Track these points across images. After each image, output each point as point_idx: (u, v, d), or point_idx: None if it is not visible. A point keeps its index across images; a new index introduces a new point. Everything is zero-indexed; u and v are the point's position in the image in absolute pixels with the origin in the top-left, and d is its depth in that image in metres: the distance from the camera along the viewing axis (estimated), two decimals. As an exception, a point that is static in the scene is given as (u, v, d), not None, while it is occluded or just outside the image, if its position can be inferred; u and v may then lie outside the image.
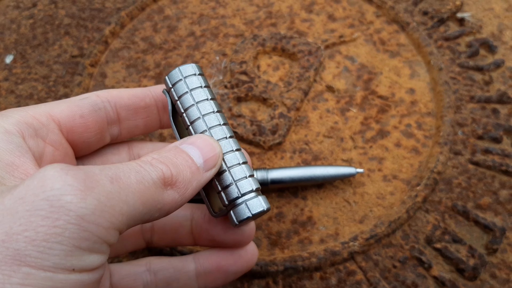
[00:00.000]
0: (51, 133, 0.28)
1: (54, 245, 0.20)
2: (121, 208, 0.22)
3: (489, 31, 0.50)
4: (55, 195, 0.20)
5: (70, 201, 0.20)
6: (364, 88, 0.46)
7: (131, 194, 0.23)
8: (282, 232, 0.39)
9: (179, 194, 0.26)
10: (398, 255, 0.38)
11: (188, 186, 0.27)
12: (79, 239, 0.20)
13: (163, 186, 0.25)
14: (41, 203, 0.20)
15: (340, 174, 0.40)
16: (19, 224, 0.20)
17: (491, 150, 0.42)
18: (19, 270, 0.19)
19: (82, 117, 0.29)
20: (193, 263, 0.32)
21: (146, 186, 0.24)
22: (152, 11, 0.52)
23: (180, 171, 0.26)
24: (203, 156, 0.28)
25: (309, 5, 0.52)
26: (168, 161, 0.26)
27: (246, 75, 0.47)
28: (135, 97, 0.32)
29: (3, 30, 0.52)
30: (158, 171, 0.25)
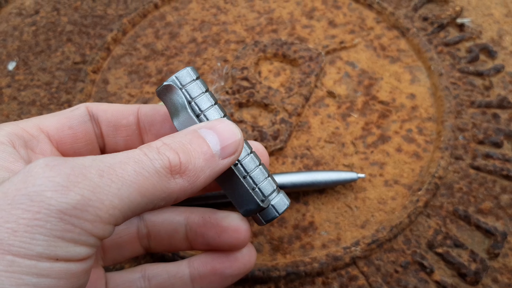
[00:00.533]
0: (41, 143, 0.29)
1: (36, 236, 0.20)
2: (111, 202, 0.22)
3: (489, 37, 0.50)
4: (36, 190, 0.21)
5: (51, 196, 0.21)
6: (365, 94, 0.47)
7: (125, 186, 0.22)
8: (284, 237, 0.39)
9: (189, 182, 0.25)
10: (400, 260, 0.38)
11: (200, 174, 0.26)
12: (61, 231, 0.21)
13: (169, 174, 0.24)
14: (22, 198, 0.20)
15: (342, 179, 0.40)
16: (0, 217, 0.20)
17: (492, 155, 0.42)
18: (3, 258, 0.19)
19: (71, 128, 0.30)
20: (187, 268, 0.31)
21: (146, 177, 0.23)
22: (154, 17, 0.53)
23: (191, 158, 0.25)
24: (221, 142, 0.27)
25: (309, 12, 0.52)
26: (179, 147, 0.25)
27: (247, 81, 0.47)
28: (118, 114, 0.31)
29: (6, 37, 0.52)
30: (164, 160, 0.24)
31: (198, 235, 0.32)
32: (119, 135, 0.32)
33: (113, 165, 0.23)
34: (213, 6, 0.53)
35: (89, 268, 0.23)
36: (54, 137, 0.30)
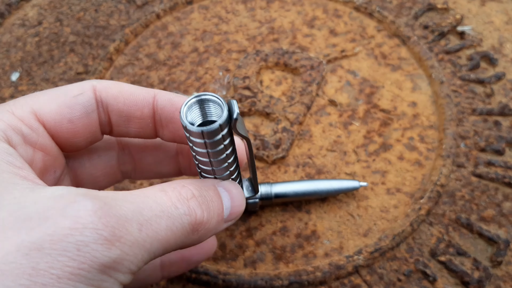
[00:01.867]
0: (41, 136, 0.27)
1: (78, 284, 0.21)
2: (143, 256, 0.23)
3: (489, 44, 0.50)
4: (83, 241, 0.21)
5: (96, 249, 0.21)
6: (366, 102, 0.47)
7: (156, 242, 0.24)
8: (287, 246, 0.39)
9: (198, 240, 0.26)
10: (403, 268, 0.38)
11: (209, 233, 0.27)
12: (99, 281, 0.22)
13: (191, 231, 0.26)
14: (69, 246, 0.21)
15: (344, 188, 0.40)
16: (46, 262, 0.20)
17: (494, 163, 0.42)
18: None
19: (71, 122, 0.28)
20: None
21: (174, 232, 0.24)
22: (156, 28, 0.53)
23: (210, 218, 0.27)
24: (231, 209, 0.28)
25: (310, 21, 0.53)
26: (205, 204, 0.26)
27: (249, 90, 0.47)
28: (131, 104, 0.29)
29: (9, 48, 0.53)
30: (192, 216, 0.25)
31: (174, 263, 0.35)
32: (131, 127, 0.30)
33: (150, 219, 0.24)
34: (214, 16, 0.54)
35: None
36: (50, 130, 0.27)
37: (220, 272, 0.38)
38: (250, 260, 0.39)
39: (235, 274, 0.37)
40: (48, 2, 0.56)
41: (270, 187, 0.39)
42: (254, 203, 0.39)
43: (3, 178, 0.23)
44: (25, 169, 0.25)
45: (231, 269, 0.38)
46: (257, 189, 0.33)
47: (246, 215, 0.40)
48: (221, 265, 0.38)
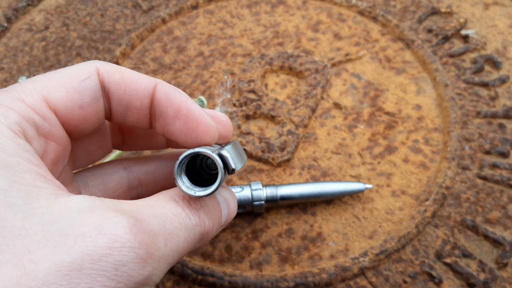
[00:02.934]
0: (54, 127, 0.26)
1: None
2: (166, 269, 0.24)
3: (493, 48, 0.51)
4: (121, 261, 0.21)
5: (133, 269, 0.22)
6: (371, 105, 0.47)
7: (176, 254, 0.25)
8: (292, 248, 0.39)
9: (200, 246, 0.28)
10: (409, 270, 0.38)
11: (207, 241, 0.28)
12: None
13: (200, 240, 0.27)
14: (108, 265, 0.21)
15: (349, 190, 0.40)
16: (86, 282, 0.20)
17: (499, 165, 0.42)
18: None
19: (82, 109, 0.27)
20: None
21: (189, 243, 0.26)
22: (162, 32, 0.54)
23: (213, 226, 0.28)
24: (226, 218, 0.30)
25: (315, 25, 0.53)
26: (210, 213, 0.28)
27: (254, 94, 0.47)
28: (132, 92, 0.28)
29: (16, 52, 0.53)
30: (202, 227, 0.27)
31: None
32: (129, 116, 0.29)
33: (172, 233, 0.25)
34: (219, 21, 0.54)
35: None
36: (62, 118, 0.27)
37: (226, 273, 0.38)
38: (256, 262, 0.39)
39: (241, 276, 0.38)
40: (54, 7, 0.57)
41: (276, 189, 0.39)
42: (260, 205, 0.39)
43: (25, 180, 0.23)
44: (42, 167, 0.24)
45: (237, 271, 0.38)
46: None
47: (252, 217, 0.41)
48: (227, 267, 0.38)
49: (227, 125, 0.32)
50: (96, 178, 0.33)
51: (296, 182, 0.42)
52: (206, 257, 0.39)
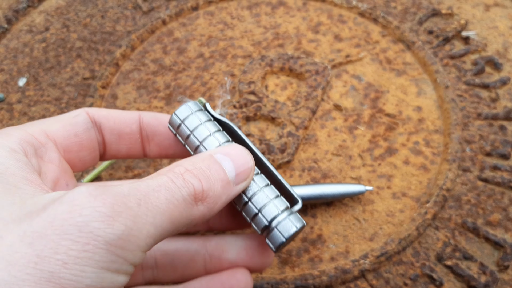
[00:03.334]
0: (50, 151, 0.28)
1: (85, 268, 0.21)
2: (148, 231, 0.23)
3: (494, 49, 0.50)
4: (83, 221, 0.21)
5: (98, 227, 0.21)
6: (372, 107, 0.47)
7: (159, 215, 0.23)
8: (292, 250, 0.39)
9: (208, 209, 0.26)
10: (409, 272, 0.38)
11: (218, 200, 0.26)
12: (108, 262, 0.21)
13: (194, 202, 0.25)
14: (70, 228, 0.21)
15: (350, 192, 0.40)
16: (50, 248, 0.20)
17: (500, 167, 0.42)
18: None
19: (77, 136, 0.30)
20: None
21: (176, 205, 0.24)
22: (162, 33, 0.54)
23: (212, 185, 0.26)
24: (235, 169, 0.28)
25: (315, 26, 0.53)
26: (201, 174, 0.26)
27: (254, 95, 0.47)
28: (121, 121, 0.32)
29: (17, 54, 0.53)
30: (190, 187, 0.25)
31: (219, 261, 0.32)
32: (122, 143, 0.32)
33: (148, 194, 0.24)
34: (220, 22, 0.54)
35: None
36: (61, 145, 0.29)
37: (226, 276, 0.38)
38: (256, 264, 0.39)
39: (241, 278, 0.37)
40: (55, 8, 0.57)
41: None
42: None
43: (7, 180, 0.23)
44: (32, 175, 0.25)
45: (237, 273, 0.38)
46: (295, 198, 0.30)
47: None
48: (227, 269, 0.38)
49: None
50: None
51: (296, 184, 0.42)
52: None
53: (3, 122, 0.48)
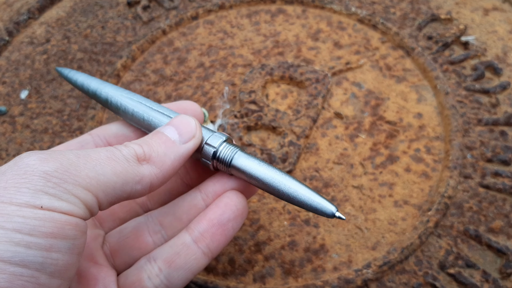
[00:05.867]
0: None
1: (23, 189, 0.24)
2: (87, 173, 0.26)
3: (493, 54, 0.51)
4: (23, 162, 0.25)
5: (34, 163, 0.25)
6: (372, 114, 0.47)
7: (99, 165, 0.27)
8: (295, 260, 0.39)
9: (157, 168, 0.30)
10: (412, 281, 0.38)
11: (165, 159, 0.30)
12: (44, 186, 0.25)
13: (137, 161, 0.29)
14: (12, 167, 0.25)
15: (317, 207, 0.31)
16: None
17: (501, 173, 0.42)
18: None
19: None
20: (186, 233, 0.32)
21: (117, 161, 0.28)
22: (162, 43, 0.54)
23: (153, 148, 0.30)
24: (178, 131, 0.31)
25: (315, 33, 0.53)
26: (142, 141, 0.30)
27: (255, 104, 0.47)
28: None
29: (18, 66, 0.53)
30: (130, 150, 0.29)
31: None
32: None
33: (88, 152, 0.28)
34: (220, 31, 0.54)
35: (75, 223, 0.25)
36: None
37: (229, 287, 0.38)
38: (259, 275, 0.39)
39: (245, 289, 0.38)
40: (55, 19, 0.57)
41: (235, 152, 0.33)
42: (207, 154, 0.33)
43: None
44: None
45: (241, 284, 0.38)
46: None
47: (255, 230, 0.41)
48: (231, 281, 0.39)
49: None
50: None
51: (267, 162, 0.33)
52: (210, 271, 0.39)
53: (6, 135, 0.48)
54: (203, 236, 0.32)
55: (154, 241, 0.34)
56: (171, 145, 0.31)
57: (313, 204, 0.31)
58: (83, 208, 0.26)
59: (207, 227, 0.32)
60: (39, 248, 0.24)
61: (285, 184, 0.31)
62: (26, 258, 0.23)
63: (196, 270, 0.32)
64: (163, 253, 0.32)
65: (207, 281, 0.38)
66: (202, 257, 0.32)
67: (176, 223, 0.34)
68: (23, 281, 0.23)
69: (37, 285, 0.24)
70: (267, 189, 0.32)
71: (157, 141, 0.31)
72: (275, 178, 0.32)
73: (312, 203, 0.31)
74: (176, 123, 0.32)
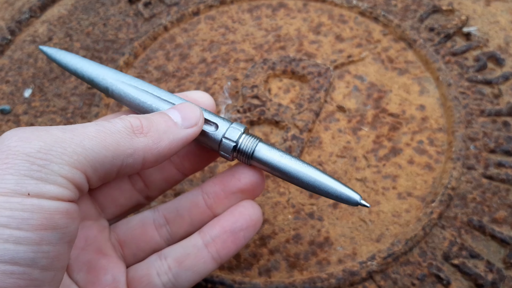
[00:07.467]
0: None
1: (6, 176, 0.23)
2: (74, 149, 0.25)
3: (496, 44, 0.50)
4: (3, 144, 0.24)
5: (16, 145, 0.24)
6: (375, 107, 0.47)
7: (87, 139, 0.25)
8: (300, 253, 0.40)
9: (153, 142, 0.28)
10: (417, 272, 0.38)
11: (163, 136, 0.29)
12: (29, 170, 0.23)
13: (132, 133, 0.28)
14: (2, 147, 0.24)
15: (343, 196, 0.31)
16: None
17: (504, 164, 0.42)
18: None
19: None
20: (198, 236, 0.33)
21: (108, 134, 0.26)
22: (164, 40, 0.54)
23: (153, 123, 0.29)
24: (181, 115, 0.31)
25: (316, 27, 0.53)
26: (142, 116, 0.29)
27: (257, 99, 0.48)
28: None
29: (21, 65, 0.54)
30: (125, 122, 0.28)
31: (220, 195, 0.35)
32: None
33: (76, 126, 0.26)
34: (221, 26, 0.54)
35: (65, 210, 0.24)
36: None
37: (235, 281, 0.38)
38: (264, 268, 0.39)
39: (250, 283, 0.38)
40: (57, 17, 0.57)
41: (256, 144, 0.33)
42: (227, 146, 0.32)
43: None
44: None
45: (246, 278, 0.39)
46: None
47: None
48: (236, 274, 0.39)
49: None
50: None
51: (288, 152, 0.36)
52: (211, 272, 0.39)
53: (11, 134, 0.48)
54: (214, 242, 0.33)
55: (159, 234, 0.34)
56: (172, 125, 0.30)
57: (338, 193, 0.31)
58: (72, 189, 0.25)
59: (219, 233, 0.33)
60: (29, 243, 0.22)
61: (309, 175, 0.31)
62: (17, 255, 0.22)
63: (203, 274, 0.33)
64: (174, 252, 0.33)
65: (213, 276, 0.38)
66: (211, 262, 0.33)
67: (179, 220, 0.35)
68: (15, 278, 0.22)
69: (29, 281, 0.23)
70: (291, 180, 0.32)
71: (159, 119, 0.30)
72: (299, 169, 0.32)
73: (336, 192, 0.31)
74: (181, 108, 0.31)
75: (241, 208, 0.33)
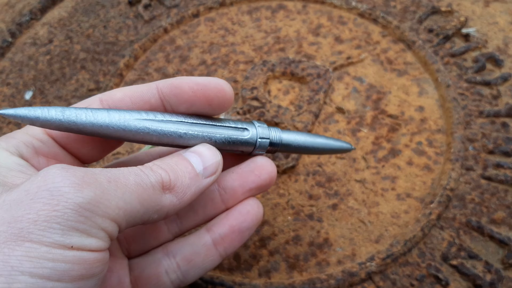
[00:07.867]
0: (51, 148, 0.30)
1: (54, 225, 0.23)
2: (117, 203, 0.25)
3: (494, 45, 0.51)
4: (55, 187, 0.23)
5: (68, 192, 0.23)
6: (374, 108, 0.47)
7: (128, 193, 0.26)
8: (300, 255, 0.40)
9: (177, 199, 0.28)
10: (415, 273, 0.38)
11: (187, 191, 0.29)
12: (76, 221, 0.23)
13: (162, 190, 0.27)
14: (43, 193, 0.23)
15: (337, 147, 0.38)
16: (23, 210, 0.23)
17: (503, 164, 0.43)
18: (22, 245, 0.22)
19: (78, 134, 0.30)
20: (207, 234, 0.33)
21: (144, 188, 0.26)
22: (164, 42, 0.54)
23: (179, 177, 0.29)
24: (203, 163, 0.30)
25: (315, 29, 0.53)
26: (169, 167, 0.29)
27: (257, 101, 0.48)
28: (138, 99, 0.31)
29: (22, 67, 0.54)
30: (157, 176, 0.28)
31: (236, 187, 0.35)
32: None
33: (118, 175, 0.26)
34: (221, 28, 0.55)
35: (102, 259, 0.25)
36: (60, 142, 0.31)
37: (235, 282, 0.38)
38: (264, 269, 0.39)
39: (250, 284, 0.38)
40: (57, 20, 0.58)
41: (278, 132, 0.36)
42: (264, 145, 0.34)
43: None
44: (29, 170, 0.28)
45: (246, 279, 0.39)
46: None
47: (259, 226, 0.41)
48: (236, 276, 0.39)
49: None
50: None
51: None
52: (215, 267, 0.40)
53: (12, 136, 0.49)
54: (223, 240, 0.33)
55: (169, 229, 0.35)
56: (195, 177, 0.29)
57: (334, 147, 0.38)
58: (108, 240, 0.25)
59: (228, 232, 0.33)
60: None
61: (319, 142, 0.37)
62: None
63: (210, 269, 0.34)
64: (183, 250, 0.33)
65: (213, 277, 0.39)
66: (218, 259, 0.34)
67: (192, 215, 0.35)
68: None
69: None
70: (306, 152, 0.37)
71: (183, 170, 0.29)
72: (313, 140, 0.37)
73: (333, 147, 0.38)
74: (202, 153, 0.30)
75: (249, 208, 0.34)
